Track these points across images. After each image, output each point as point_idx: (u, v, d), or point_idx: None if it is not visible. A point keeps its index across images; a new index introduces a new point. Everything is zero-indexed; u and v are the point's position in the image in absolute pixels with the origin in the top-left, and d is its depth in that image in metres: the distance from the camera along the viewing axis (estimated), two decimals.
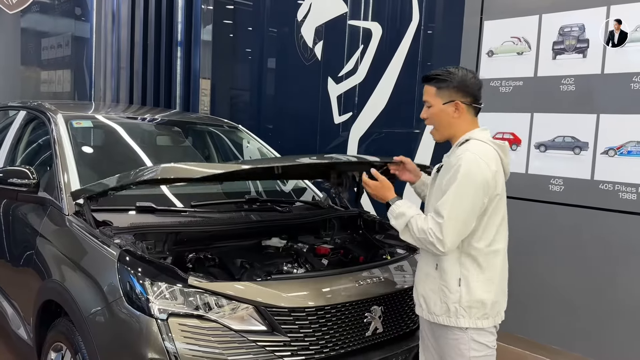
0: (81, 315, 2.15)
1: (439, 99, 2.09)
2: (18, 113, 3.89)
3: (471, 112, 2.11)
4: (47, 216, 2.71)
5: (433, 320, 2.08)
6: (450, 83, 2.07)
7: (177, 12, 6.74)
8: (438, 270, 2.05)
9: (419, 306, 2.14)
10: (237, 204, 2.99)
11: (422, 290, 2.11)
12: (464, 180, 1.94)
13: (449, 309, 2.02)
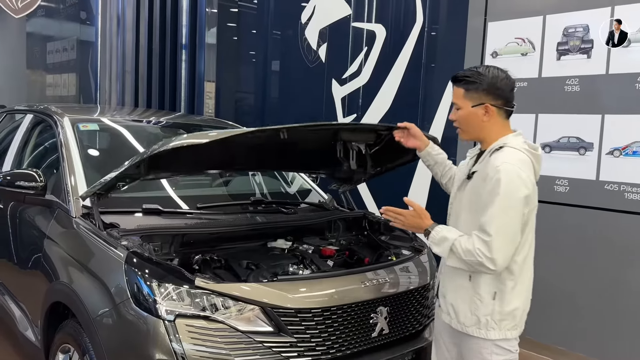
0: (89, 316, 2.16)
1: (468, 101, 1.99)
2: (25, 116, 3.92)
3: (502, 115, 2.01)
4: (54, 218, 2.73)
5: (462, 330, 2.02)
6: (479, 85, 1.97)
7: (182, 16, 6.77)
8: (472, 282, 1.98)
9: (447, 314, 2.08)
10: (242, 206, 3.00)
11: (451, 300, 2.05)
12: (507, 195, 1.84)
13: (479, 320, 1.97)
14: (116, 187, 2.48)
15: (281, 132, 2.25)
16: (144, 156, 2.24)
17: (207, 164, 2.76)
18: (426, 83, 4.57)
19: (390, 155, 2.86)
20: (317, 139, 2.60)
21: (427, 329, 2.53)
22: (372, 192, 4.93)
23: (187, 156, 2.46)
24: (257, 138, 2.35)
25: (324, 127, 2.51)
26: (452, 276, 2.05)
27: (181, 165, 2.61)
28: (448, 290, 2.08)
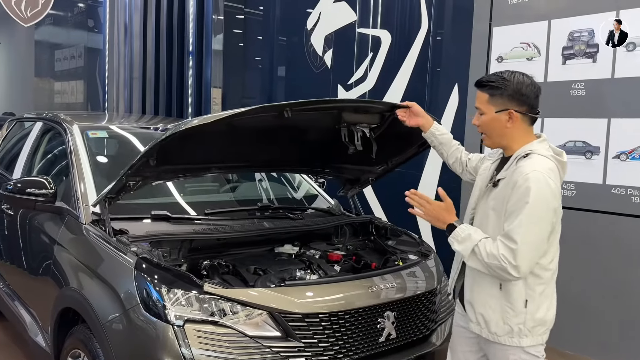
0: (99, 322, 2.18)
1: (492, 106, 1.97)
2: (34, 124, 3.97)
3: (526, 122, 1.98)
4: (64, 225, 2.76)
5: (493, 340, 1.99)
6: (504, 91, 1.94)
7: (189, 23, 6.83)
8: (503, 290, 1.95)
9: (477, 324, 2.04)
10: (249, 212, 3.02)
11: (481, 310, 2.01)
12: (536, 204, 1.83)
13: (512, 329, 1.95)
14: (126, 188, 2.49)
15: (285, 111, 2.25)
16: (154, 143, 2.26)
17: (215, 156, 2.74)
18: (432, 88, 4.59)
19: (395, 147, 2.88)
20: (322, 122, 2.56)
21: (435, 334, 2.54)
22: (378, 198, 4.94)
23: (195, 146, 2.47)
24: (263, 119, 2.34)
25: (326, 103, 2.48)
26: (481, 285, 2.02)
27: (189, 157, 2.61)
28: (476, 300, 2.04)
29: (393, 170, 3.12)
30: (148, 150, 2.29)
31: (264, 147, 2.76)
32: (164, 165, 2.52)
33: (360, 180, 3.21)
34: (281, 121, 2.31)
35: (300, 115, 2.35)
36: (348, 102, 2.60)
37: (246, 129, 2.48)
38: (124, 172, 2.37)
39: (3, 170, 4.05)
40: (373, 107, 2.53)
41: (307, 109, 2.36)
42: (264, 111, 2.28)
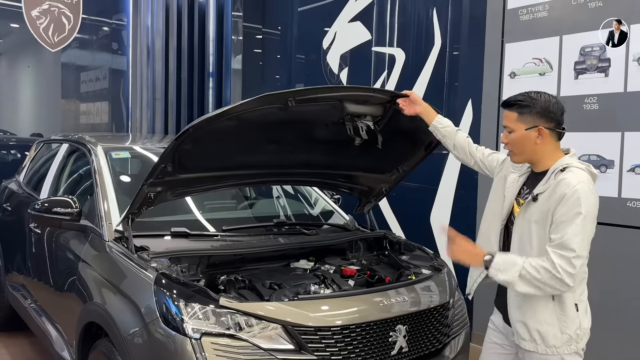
0: (121, 335, 2.27)
1: (522, 124, 2.04)
2: (61, 146, 4.13)
3: (554, 137, 2.07)
4: (88, 242, 2.87)
5: (551, 354, 2.02)
6: (533, 108, 2.03)
7: (209, 45, 7.02)
8: (556, 301, 2.00)
9: (532, 342, 2.04)
10: (266, 228, 3.10)
11: (537, 326, 2.03)
12: (588, 213, 1.91)
13: (570, 337, 2.01)
14: (147, 199, 2.57)
15: (289, 100, 2.32)
16: (168, 147, 2.35)
17: (229, 162, 2.78)
18: (447, 104, 4.64)
19: (403, 150, 2.94)
20: (327, 115, 2.60)
21: (448, 347, 2.56)
22: (395, 214, 4.99)
23: (208, 150, 2.54)
24: (270, 113, 2.39)
25: (327, 92, 2.53)
26: (532, 301, 2.04)
27: (204, 163, 2.66)
28: (530, 317, 2.05)
29: (404, 177, 3.17)
30: (164, 155, 2.39)
31: (277, 151, 2.81)
32: (181, 173, 2.59)
33: (374, 191, 3.26)
34: (288, 115, 2.38)
35: (304, 107, 2.42)
36: (348, 89, 2.66)
37: (255, 127, 2.51)
38: (144, 182, 2.47)
39: (31, 190, 4.22)
40: (374, 97, 2.57)
41: (309, 98, 2.41)
42: (269, 102, 2.33)
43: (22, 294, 3.87)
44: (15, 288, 4.05)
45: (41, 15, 6.48)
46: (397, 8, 5.05)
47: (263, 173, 3.03)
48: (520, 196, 2.16)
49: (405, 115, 2.57)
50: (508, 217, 2.18)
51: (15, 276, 4.07)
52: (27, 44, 6.73)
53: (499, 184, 2.26)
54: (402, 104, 2.55)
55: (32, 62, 7.49)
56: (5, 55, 7.21)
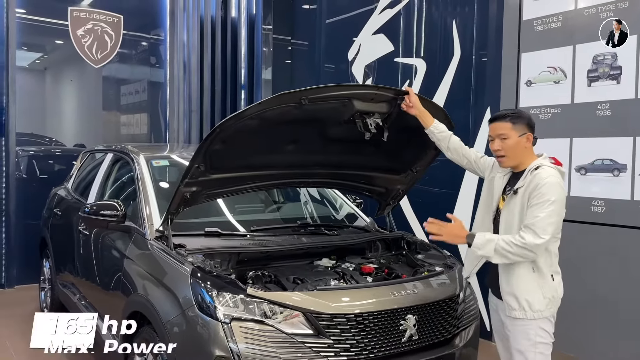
0: (161, 321, 2.56)
1: (515, 132, 2.47)
2: (106, 155, 4.50)
3: (531, 142, 2.53)
4: (132, 241, 3.19)
5: (537, 317, 2.40)
6: (522, 119, 2.49)
7: (241, 57, 7.36)
8: (536, 272, 2.40)
9: (522, 310, 2.41)
10: (291, 229, 3.36)
11: (525, 295, 2.41)
12: (557, 201, 2.32)
13: (550, 300, 2.40)
14: (184, 200, 2.86)
15: (302, 99, 2.57)
16: (199, 148, 2.64)
17: (257, 162, 3.03)
18: (466, 112, 4.82)
19: (413, 150, 3.17)
20: (339, 112, 2.80)
21: (457, 337, 2.76)
22: (417, 217, 5.18)
23: (235, 150, 2.79)
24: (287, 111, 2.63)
25: (336, 90, 2.71)
26: (518, 274, 2.42)
27: (233, 163, 2.92)
28: (516, 288, 2.43)
29: (419, 178, 3.41)
30: (196, 155, 2.68)
31: (296, 151, 3.04)
32: (212, 173, 2.86)
33: (392, 193, 3.48)
34: (303, 113, 2.64)
35: (317, 105, 2.66)
36: (355, 87, 2.95)
37: (275, 126, 2.73)
38: (179, 182, 2.76)
39: (79, 196, 4.59)
40: (378, 94, 2.80)
41: (320, 96, 2.65)
42: (284, 100, 2.58)
43: (71, 291, 4.23)
44: (65, 286, 4.42)
45: (86, 34, 6.92)
46: (419, 21, 5.27)
47: (286, 174, 3.28)
48: (504, 193, 2.56)
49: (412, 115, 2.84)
50: (496, 210, 2.58)
51: (65, 275, 4.43)
52: (70, 58, 7.12)
53: (489, 184, 2.65)
54: (405, 104, 2.83)
55: (74, 76, 7.86)
56: (49, 69, 7.65)
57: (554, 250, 2.45)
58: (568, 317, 3.76)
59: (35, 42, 7.38)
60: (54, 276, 4.73)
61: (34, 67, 7.46)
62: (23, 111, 6.55)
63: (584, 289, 3.73)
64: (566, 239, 3.74)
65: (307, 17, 6.96)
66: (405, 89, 2.83)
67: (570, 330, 3.73)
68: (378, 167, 3.36)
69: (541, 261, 2.39)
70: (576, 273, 3.75)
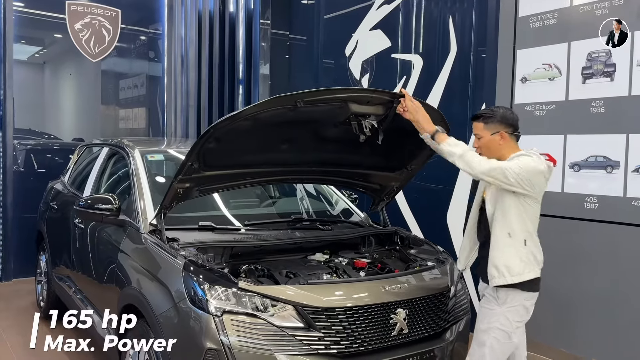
0: (154, 314, 2.59)
1: (487, 131, 2.61)
2: (102, 149, 4.51)
3: (513, 139, 2.64)
4: (126, 235, 3.21)
5: (518, 281, 2.50)
6: (494, 118, 2.61)
7: (239, 52, 7.36)
8: (511, 237, 2.52)
9: (502, 277, 2.52)
10: (285, 223, 3.38)
11: (503, 261, 2.52)
12: (529, 164, 2.48)
13: (526, 264, 2.51)
14: (178, 195, 2.87)
15: (298, 101, 2.57)
16: (194, 146, 2.65)
17: (251, 160, 3.04)
18: (462, 108, 4.83)
19: (409, 150, 3.17)
20: (335, 115, 2.80)
21: (448, 332, 2.79)
22: (413, 213, 5.20)
23: (230, 149, 2.79)
24: (282, 113, 2.62)
25: (332, 93, 2.72)
26: (496, 244, 2.55)
27: (227, 161, 2.92)
28: (496, 258, 2.54)
29: (414, 175, 3.41)
30: (190, 153, 2.69)
31: (291, 150, 3.05)
32: (206, 170, 2.88)
33: (386, 189, 3.50)
34: (298, 115, 2.64)
35: (312, 108, 2.66)
36: (351, 91, 2.89)
37: (270, 127, 2.74)
38: (173, 178, 2.78)
39: (75, 190, 4.61)
40: (375, 98, 2.80)
41: (316, 99, 2.65)
42: (280, 103, 2.58)
43: (67, 284, 4.25)
44: (61, 279, 4.44)
45: (83, 28, 6.92)
46: (416, 17, 5.27)
47: (280, 171, 3.28)
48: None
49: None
50: (482, 200, 2.72)
51: (61, 269, 4.46)
52: (69, 53, 7.12)
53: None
54: (399, 108, 2.80)
55: (73, 70, 7.85)
56: (48, 63, 7.64)
57: (529, 215, 2.53)
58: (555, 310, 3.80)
59: (34, 36, 7.39)
60: (50, 269, 4.75)
61: (33, 60, 7.46)
62: (21, 105, 6.56)
63: (578, 285, 3.76)
64: (559, 235, 3.81)
65: (305, 12, 6.96)
66: (401, 91, 2.79)
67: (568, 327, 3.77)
68: (373, 165, 3.37)
69: (515, 226, 2.51)
70: (568, 268, 3.78)
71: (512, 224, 2.52)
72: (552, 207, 3.88)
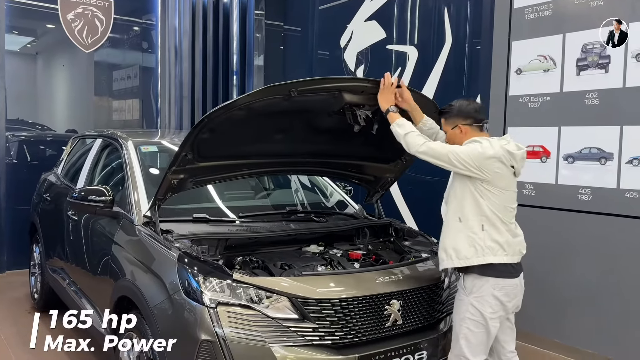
0: (148, 306, 2.58)
1: (448, 126, 2.70)
2: (95, 141, 4.48)
3: (475, 130, 2.66)
4: (120, 227, 3.19)
5: (465, 264, 2.53)
6: (451, 113, 2.68)
7: (233, 43, 7.32)
8: (462, 222, 2.55)
9: (449, 259, 2.57)
10: (280, 215, 3.37)
11: (452, 244, 2.57)
12: (474, 150, 2.52)
13: (476, 250, 2.51)
14: (172, 186, 2.86)
15: (291, 90, 2.57)
16: (187, 136, 2.63)
17: (246, 151, 3.03)
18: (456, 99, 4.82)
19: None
20: (329, 105, 2.80)
21: (442, 323, 2.80)
22: (408, 206, 5.21)
23: (224, 139, 2.78)
24: (276, 103, 2.62)
25: (325, 82, 2.72)
26: (447, 228, 2.62)
27: (221, 152, 2.91)
28: (446, 239, 2.61)
29: (408, 167, 3.42)
30: (184, 144, 2.67)
31: (285, 140, 3.03)
32: (200, 161, 2.86)
33: (381, 181, 3.50)
34: (292, 105, 2.63)
35: (307, 97, 2.66)
36: (345, 80, 2.91)
37: (264, 117, 2.73)
38: (167, 169, 2.76)
39: (68, 182, 4.58)
40: (369, 87, 2.80)
41: (310, 89, 2.65)
42: (273, 92, 2.58)
43: (61, 276, 4.24)
44: (54, 271, 4.42)
45: (76, 18, 6.85)
46: (411, 8, 5.25)
47: (275, 162, 3.28)
48: None
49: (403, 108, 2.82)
50: None
51: (55, 261, 4.44)
52: (61, 43, 7.06)
53: None
54: (398, 97, 2.82)
55: (66, 61, 7.80)
56: (41, 54, 7.58)
57: (490, 202, 2.53)
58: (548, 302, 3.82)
59: (26, 26, 7.32)
60: (43, 261, 4.73)
61: (25, 51, 7.40)
62: (14, 96, 6.51)
63: (571, 276, 3.77)
64: (553, 226, 3.82)
65: (300, 2, 6.92)
66: (396, 80, 2.79)
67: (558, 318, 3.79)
68: (368, 156, 3.37)
69: (467, 210, 2.54)
70: (561, 259, 3.80)
71: (463, 208, 2.56)
72: (545, 198, 3.90)
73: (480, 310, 2.52)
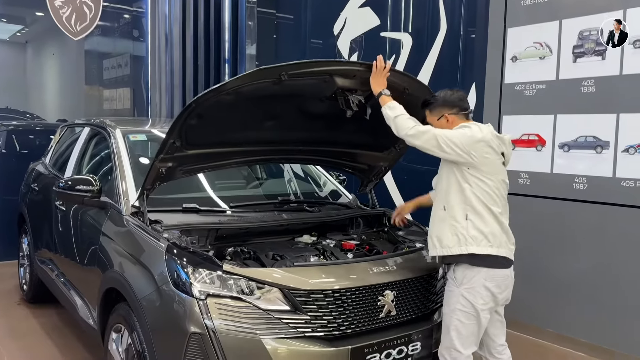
0: (136, 298, 2.52)
1: (434, 117, 2.68)
2: (83, 129, 4.40)
3: (461, 118, 2.67)
4: (108, 217, 3.12)
5: (447, 253, 2.53)
6: (436, 104, 2.67)
7: (224, 31, 7.20)
8: (447, 210, 2.55)
9: (434, 247, 2.58)
10: (272, 205, 3.31)
11: (437, 232, 2.58)
12: (463, 135, 2.51)
13: (459, 239, 2.50)
14: (160, 175, 2.78)
15: (282, 74, 2.51)
16: (174, 122, 2.57)
17: (235, 138, 2.97)
18: (451, 87, 4.76)
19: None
20: (320, 89, 2.75)
21: (436, 314, 2.76)
22: (400, 192, 5.16)
23: (212, 126, 2.71)
24: (266, 87, 2.56)
25: (316, 66, 2.66)
26: (433, 217, 2.64)
27: (210, 139, 2.85)
28: (431, 229, 2.63)
29: (402, 155, 3.36)
30: (171, 131, 2.60)
31: (277, 127, 2.97)
32: (189, 149, 2.79)
33: (374, 170, 3.44)
34: (283, 89, 2.57)
35: (298, 81, 2.59)
36: (337, 64, 2.84)
37: (254, 102, 2.67)
38: (154, 157, 2.69)
39: (56, 172, 4.50)
40: (361, 71, 2.74)
41: (300, 72, 2.59)
42: (263, 76, 2.51)
43: (50, 267, 4.17)
44: (43, 262, 4.36)
45: (63, 5, 6.72)
46: None
47: (267, 150, 3.21)
48: None
49: (396, 92, 2.76)
50: None
51: (43, 252, 4.37)
52: (51, 32, 6.94)
53: None
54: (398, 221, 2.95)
55: (56, 49, 7.70)
56: (31, 43, 7.46)
57: (478, 190, 2.51)
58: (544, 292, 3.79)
59: (15, 14, 7.19)
60: (32, 253, 4.66)
61: (15, 40, 7.29)
62: (3, 85, 6.41)
63: (566, 266, 3.75)
64: (549, 215, 3.78)
65: None
66: (389, 64, 2.74)
67: (553, 309, 3.77)
68: (361, 144, 3.31)
69: (452, 199, 2.54)
70: (557, 249, 3.77)
71: (448, 197, 2.56)
72: (541, 187, 3.86)
73: (471, 302, 2.50)
